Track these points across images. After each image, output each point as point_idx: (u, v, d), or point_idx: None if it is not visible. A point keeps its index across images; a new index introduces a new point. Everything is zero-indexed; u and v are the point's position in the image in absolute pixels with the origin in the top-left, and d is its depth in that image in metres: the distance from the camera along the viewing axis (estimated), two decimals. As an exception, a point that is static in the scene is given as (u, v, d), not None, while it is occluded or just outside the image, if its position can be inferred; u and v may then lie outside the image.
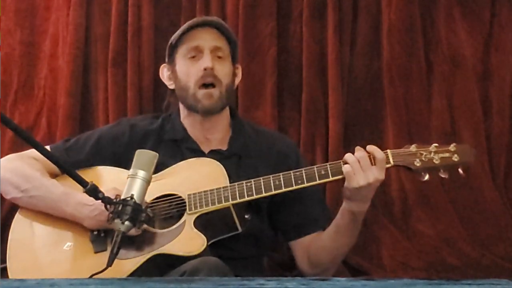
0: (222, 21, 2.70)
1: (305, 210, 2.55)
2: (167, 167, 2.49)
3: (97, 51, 3.16)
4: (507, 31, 3.19)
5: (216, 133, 2.61)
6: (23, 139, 2.13)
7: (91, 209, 2.40)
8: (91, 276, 2.10)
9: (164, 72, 2.68)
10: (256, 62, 3.11)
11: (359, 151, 2.37)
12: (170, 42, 2.62)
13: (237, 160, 2.57)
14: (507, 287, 1.86)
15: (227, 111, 2.64)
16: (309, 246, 2.54)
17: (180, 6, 3.16)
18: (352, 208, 2.40)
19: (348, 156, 2.37)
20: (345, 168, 2.35)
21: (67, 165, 2.23)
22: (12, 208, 2.73)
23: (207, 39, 2.58)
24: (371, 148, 2.38)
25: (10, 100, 3.15)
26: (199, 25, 2.59)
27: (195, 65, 2.56)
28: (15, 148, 2.86)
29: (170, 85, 2.65)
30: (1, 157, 2.63)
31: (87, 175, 2.48)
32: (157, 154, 2.16)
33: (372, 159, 2.36)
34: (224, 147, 2.60)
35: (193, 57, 2.57)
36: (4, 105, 3.11)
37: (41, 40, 3.20)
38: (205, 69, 2.53)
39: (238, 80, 2.70)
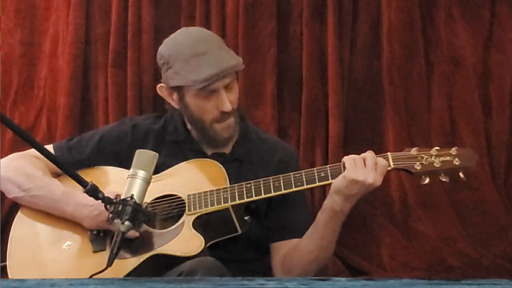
0: (231, 54, 2.53)
1: (287, 216, 2.53)
2: (169, 168, 2.49)
3: (97, 51, 3.15)
4: (507, 31, 3.19)
5: None
6: (23, 139, 2.13)
7: (91, 210, 2.41)
8: (91, 276, 2.10)
9: (163, 92, 2.58)
10: (256, 62, 3.11)
11: (366, 153, 2.35)
12: (179, 82, 2.48)
13: (238, 165, 2.56)
14: (507, 287, 1.86)
15: None
16: (285, 254, 2.51)
17: (180, 6, 3.16)
18: (334, 204, 2.36)
19: (352, 155, 2.35)
20: (348, 158, 2.33)
21: (67, 165, 2.23)
22: (13, 207, 2.74)
23: (221, 80, 2.46)
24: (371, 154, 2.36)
25: (10, 100, 3.14)
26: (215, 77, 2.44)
27: (211, 103, 2.47)
28: (15, 148, 2.86)
29: (175, 105, 2.56)
30: (1, 157, 2.64)
31: (89, 175, 2.48)
32: (157, 154, 2.16)
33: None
34: (227, 151, 2.59)
35: (207, 96, 2.47)
36: (4, 105, 3.11)
37: (41, 40, 3.20)
38: (223, 112, 2.47)
39: None
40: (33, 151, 2.52)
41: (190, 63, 2.47)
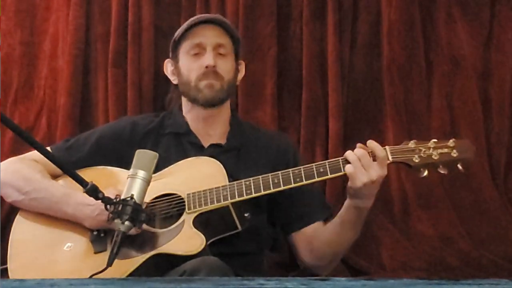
0: (225, 19, 2.71)
1: (304, 202, 2.55)
2: (169, 160, 2.50)
3: (97, 51, 3.16)
4: (507, 31, 3.20)
5: (217, 127, 2.63)
6: (23, 139, 2.12)
7: (91, 209, 2.41)
8: (91, 276, 2.10)
9: (168, 67, 2.70)
10: (256, 62, 3.11)
11: (359, 148, 2.37)
12: (173, 38, 2.65)
13: (236, 153, 2.59)
14: (507, 287, 1.86)
15: (227, 106, 2.66)
16: (311, 239, 2.54)
17: (180, 6, 3.16)
18: (357, 205, 2.41)
19: (349, 154, 2.36)
20: (348, 168, 2.35)
21: (67, 165, 2.24)
22: (12, 210, 2.74)
23: (210, 36, 2.60)
24: (371, 144, 2.38)
25: (10, 100, 3.14)
26: (202, 22, 2.62)
27: (197, 61, 2.58)
28: (15, 148, 2.86)
29: (174, 80, 2.68)
30: (1, 157, 2.63)
31: (88, 174, 2.48)
32: (157, 154, 2.16)
33: (372, 156, 2.35)
34: (223, 141, 2.61)
35: (196, 54, 2.59)
36: (4, 105, 3.11)
37: (41, 40, 3.20)
38: (206, 67, 2.56)
39: (241, 76, 2.72)
40: (30, 154, 2.54)
41: (185, 23, 2.65)
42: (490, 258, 2.94)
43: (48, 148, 2.59)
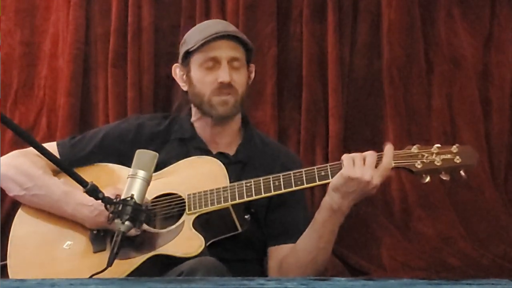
0: (238, 31, 2.64)
1: (285, 220, 2.50)
2: (171, 164, 2.49)
3: (97, 51, 3.16)
4: (507, 31, 3.20)
5: (225, 137, 2.59)
6: (23, 139, 2.13)
7: (90, 210, 2.41)
8: (91, 276, 2.10)
9: (177, 72, 2.62)
10: (256, 62, 3.09)
11: (370, 151, 2.33)
12: (186, 46, 2.55)
13: (241, 167, 2.55)
14: (507, 287, 1.86)
15: (238, 117, 2.61)
16: (282, 259, 2.48)
17: (180, 6, 3.16)
18: (332, 202, 2.33)
19: (353, 153, 2.34)
20: (347, 156, 2.31)
21: (67, 165, 2.24)
22: (13, 207, 2.74)
23: (225, 50, 2.52)
24: (388, 150, 2.33)
25: (10, 100, 3.15)
26: (219, 37, 2.53)
27: (211, 75, 2.51)
28: (15, 148, 2.85)
29: (183, 86, 2.61)
30: (1, 157, 2.64)
31: (89, 172, 2.49)
32: (157, 154, 2.16)
33: (377, 161, 2.31)
34: (231, 152, 2.58)
35: (211, 67, 2.52)
36: (4, 105, 3.11)
37: (41, 40, 3.20)
38: (221, 82, 2.50)
39: (251, 79, 2.67)
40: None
41: (198, 31, 2.58)
42: (490, 258, 2.94)
43: (54, 143, 2.61)
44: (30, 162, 2.53)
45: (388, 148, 2.34)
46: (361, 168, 2.29)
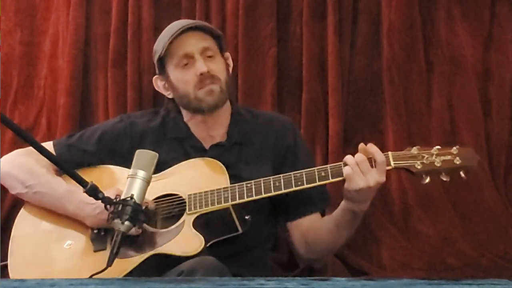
0: (200, 21, 2.70)
1: (302, 192, 2.50)
2: (170, 165, 2.50)
3: (97, 51, 3.16)
4: (507, 31, 3.19)
5: (219, 128, 2.61)
6: (23, 139, 2.13)
7: (92, 208, 2.42)
8: (91, 276, 2.10)
9: (158, 83, 2.66)
10: (256, 62, 3.11)
11: (359, 153, 2.35)
12: (157, 55, 2.59)
13: (238, 149, 2.58)
14: (507, 287, 1.86)
15: (228, 105, 2.64)
16: (307, 232, 2.54)
17: (180, 6, 3.16)
18: (352, 208, 2.40)
19: (348, 158, 2.35)
20: (345, 170, 2.33)
21: (67, 165, 2.24)
22: (14, 206, 2.74)
23: (194, 43, 2.56)
24: (372, 149, 2.36)
25: (10, 100, 3.15)
26: (181, 33, 2.56)
27: (189, 71, 2.55)
28: (15, 148, 2.86)
29: (168, 94, 2.64)
30: (1, 157, 2.64)
31: (89, 173, 2.50)
32: (157, 154, 2.17)
33: (373, 162, 2.34)
34: (223, 139, 2.60)
35: (186, 64, 2.55)
36: (4, 105, 3.12)
37: (41, 40, 3.20)
38: (201, 74, 2.53)
39: (231, 67, 2.68)
40: None
41: (163, 37, 2.61)
42: (490, 258, 2.94)
43: (50, 143, 2.61)
44: (33, 160, 2.54)
45: (370, 146, 2.37)
46: (361, 178, 2.32)
